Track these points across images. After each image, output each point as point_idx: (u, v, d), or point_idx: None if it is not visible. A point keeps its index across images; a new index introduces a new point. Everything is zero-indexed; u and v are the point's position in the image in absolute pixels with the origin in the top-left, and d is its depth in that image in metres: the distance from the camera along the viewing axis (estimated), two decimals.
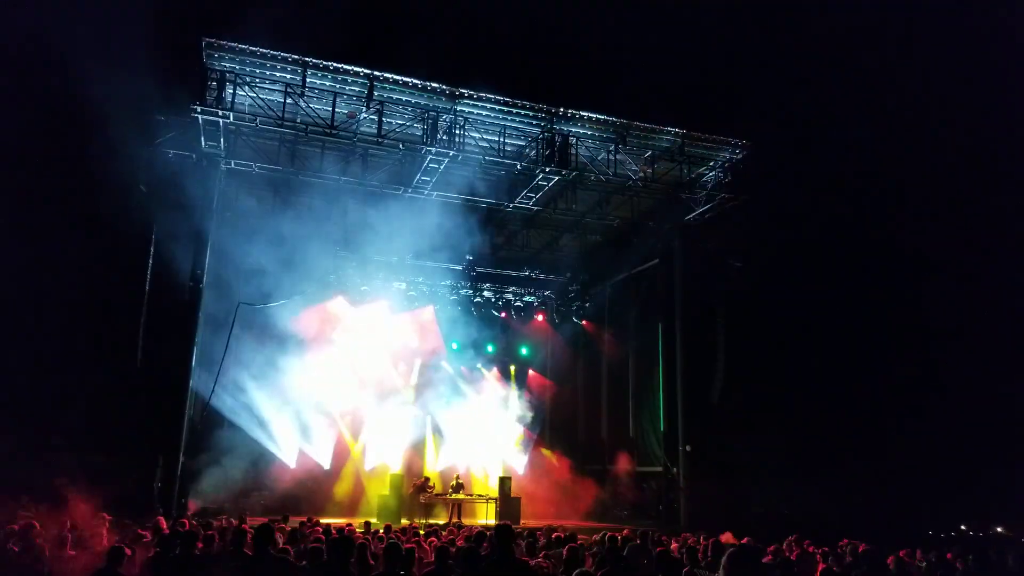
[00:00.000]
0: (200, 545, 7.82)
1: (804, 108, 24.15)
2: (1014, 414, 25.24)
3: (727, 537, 16.87)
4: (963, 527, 26.85)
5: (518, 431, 28.28)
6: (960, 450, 25.57)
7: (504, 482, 23.23)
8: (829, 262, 26.39)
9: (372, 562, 7.72)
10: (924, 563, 11.00)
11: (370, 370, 25.35)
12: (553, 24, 27.32)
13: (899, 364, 26.90)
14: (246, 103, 19.60)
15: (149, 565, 7.57)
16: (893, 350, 27.02)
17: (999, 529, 26.08)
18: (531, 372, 30.03)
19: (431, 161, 20.72)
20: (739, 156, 22.85)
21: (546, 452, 28.11)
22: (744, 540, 11.62)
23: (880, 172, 27.61)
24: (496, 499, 22.66)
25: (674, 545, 11.60)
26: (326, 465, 24.43)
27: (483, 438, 27.23)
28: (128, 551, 7.52)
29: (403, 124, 20.42)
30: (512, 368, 29.27)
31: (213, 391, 22.82)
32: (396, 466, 24.82)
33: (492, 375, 28.56)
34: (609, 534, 10.59)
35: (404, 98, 20.32)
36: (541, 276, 28.09)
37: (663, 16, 28.08)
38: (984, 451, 25.60)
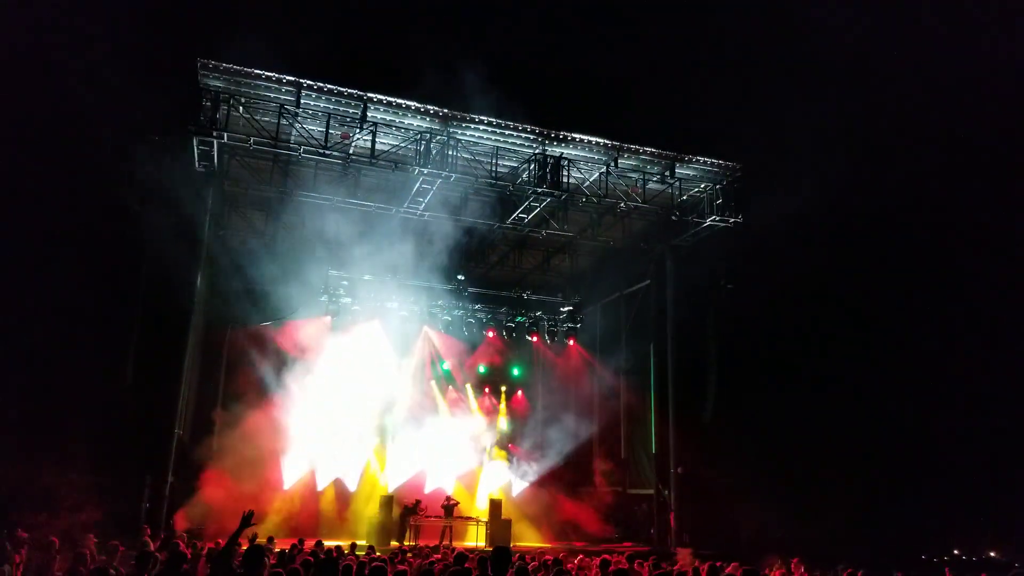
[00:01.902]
0: (185, 567, 7.75)
1: (796, 131, 24.35)
2: (1006, 440, 25.29)
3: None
4: (956, 551, 26.81)
5: (509, 453, 28.18)
6: (954, 475, 25.60)
7: (495, 504, 23.12)
8: (820, 284, 26.48)
9: None
10: None
11: (360, 390, 25.23)
12: (546, 46, 27.55)
13: (893, 387, 26.92)
14: (240, 123, 19.68)
15: None
16: (886, 373, 27.06)
17: (992, 554, 26.05)
18: (521, 393, 29.96)
19: (423, 182, 20.81)
20: (730, 178, 23.00)
21: (536, 474, 27.93)
22: (731, 565, 11.58)
23: (870, 194, 27.79)
24: (487, 521, 22.53)
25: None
26: (318, 486, 24.27)
27: (473, 460, 27.14)
28: (112, 572, 7.49)
29: (396, 145, 20.52)
30: (503, 389, 29.23)
31: (202, 410, 22.80)
32: (386, 488, 24.67)
33: (483, 396, 28.49)
34: (603, 558, 10.55)
35: (397, 119, 20.43)
36: (533, 296, 28.11)
37: (656, 39, 28.34)
38: (977, 476, 25.63)
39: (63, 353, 19.11)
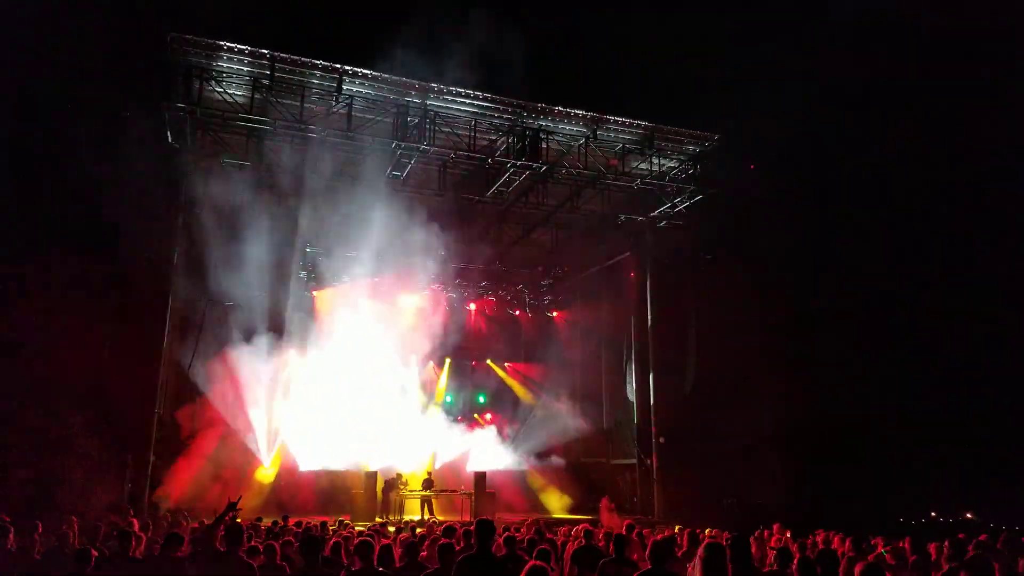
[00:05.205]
0: (164, 545, 7.69)
1: (773, 102, 24.39)
2: (982, 404, 25.68)
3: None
4: (933, 514, 27.29)
5: (492, 425, 28.31)
6: (930, 438, 25.98)
7: (479, 477, 23.21)
8: (799, 254, 26.63)
9: (344, 560, 7.68)
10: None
11: (341, 367, 25.16)
12: (523, 18, 27.27)
13: (870, 354, 27.22)
14: (214, 97, 19.36)
15: (110, 565, 7.47)
16: (863, 340, 27.33)
17: (968, 515, 26.53)
18: (507, 365, 30.02)
19: (401, 155, 20.62)
20: (709, 150, 23.00)
21: (519, 446, 28.09)
22: (713, 532, 11.69)
23: (848, 166, 27.94)
24: (471, 494, 22.63)
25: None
26: (300, 464, 24.24)
27: (455, 433, 27.24)
28: (95, 553, 7.42)
29: (373, 118, 20.28)
30: (489, 361, 29.30)
31: (182, 389, 22.61)
32: (369, 464, 24.67)
33: (465, 370, 28.55)
34: (585, 527, 10.61)
35: (373, 92, 20.18)
36: (513, 270, 28.06)
37: (633, 11, 28.15)
38: (953, 439, 26.03)
39: (36, 333, 18.84)
